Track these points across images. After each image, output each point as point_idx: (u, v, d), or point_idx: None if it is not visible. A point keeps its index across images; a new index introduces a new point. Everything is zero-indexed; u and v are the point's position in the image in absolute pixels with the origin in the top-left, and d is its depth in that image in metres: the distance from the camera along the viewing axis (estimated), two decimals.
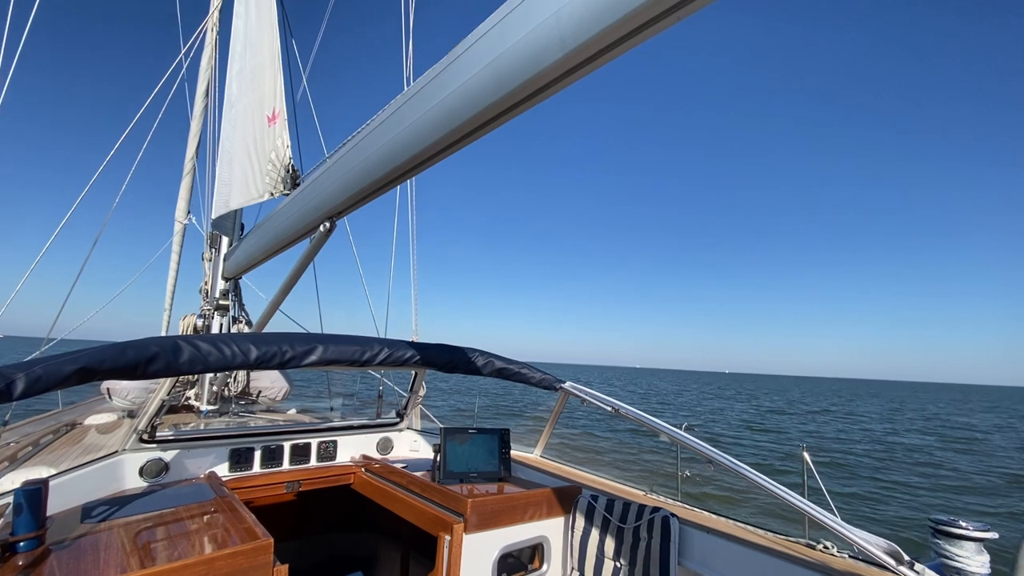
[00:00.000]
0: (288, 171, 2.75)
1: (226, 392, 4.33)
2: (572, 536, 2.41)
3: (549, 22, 1.15)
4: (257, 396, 4.75)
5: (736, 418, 25.04)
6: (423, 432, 3.61)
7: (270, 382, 4.82)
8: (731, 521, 2.23)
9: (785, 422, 24.52)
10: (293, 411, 4.81)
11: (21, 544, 1.57)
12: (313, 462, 2.99)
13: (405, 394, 4.29)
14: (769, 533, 2.08)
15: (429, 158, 1.68)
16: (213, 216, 3.81)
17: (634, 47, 1.15)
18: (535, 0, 1.18)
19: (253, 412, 4.31)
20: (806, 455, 2.29)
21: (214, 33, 5.70)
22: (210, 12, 5.49)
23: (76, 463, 2.26)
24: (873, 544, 1.68)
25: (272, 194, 2.90)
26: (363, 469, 2.96)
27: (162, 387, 2.43)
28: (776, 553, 1.87)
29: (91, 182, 5.10)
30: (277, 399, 4.89)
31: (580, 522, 2.41)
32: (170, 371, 1.78)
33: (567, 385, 2.89)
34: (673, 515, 2.16)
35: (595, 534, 2.35)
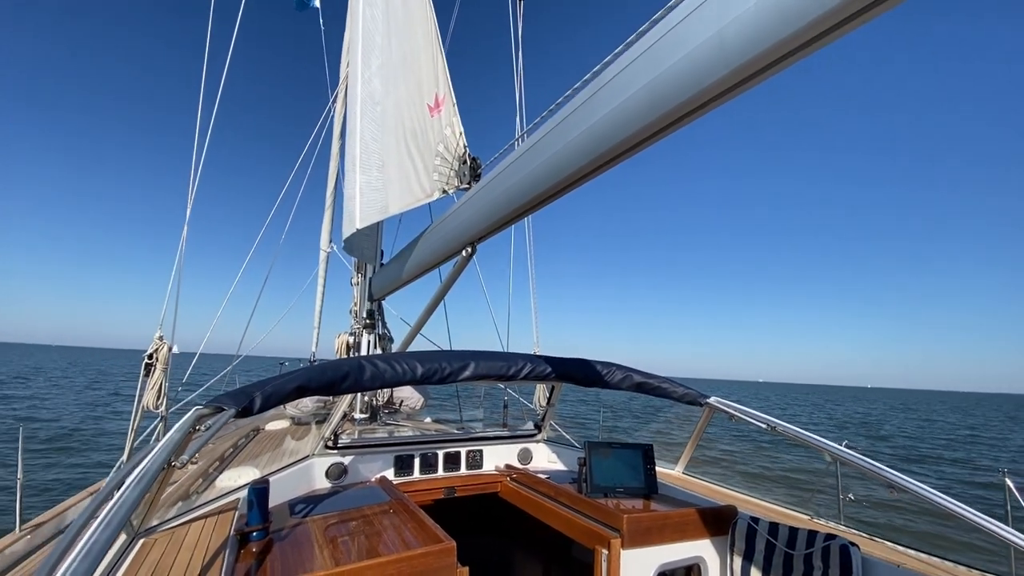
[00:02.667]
0: (465, 162, 2.35)
1: (374, 402, 4.81)
2: (731, 560, 2.29)
3: (711, 42, 1.11)
4: (400, 406, 5.21)
5: None
6: (553, 443, 3.67)
7: (410, 393, 5.26)
8: (920, 553, 1.96)
9: None
10: (429, 420, 5.19)
11: (254, 534, 1.89)
12: (463, 469, 3.21)
13: (531, 406, 4.40)
14: (974, 571, 1.80)
15: (573, 183, 1.71)
16: (359, 226, 3.24)
17: (802, 59, 1.09)
18: (696, 19, 1.15)
19: (397, 421, 4.74)
20: (1009, 481, 2.00)
21: (344, 87, 6.53)
22: (341, 80, 6.33)
23: (274, 464, 2.67)
24: None
25: (445, 191, 2.51)
26: (508, 478, 3.09)
27: (344, 399, 2.78)
28: None
29: (259, 236, 6.26)
30: (416, 408, 5.32)
31: (740, 546, 2.27)
32: (357, 387, 2.05)
33: (712, 400, 2.76)
34: (853, 544, 1.95)
35: (758, 560, 2.20)
